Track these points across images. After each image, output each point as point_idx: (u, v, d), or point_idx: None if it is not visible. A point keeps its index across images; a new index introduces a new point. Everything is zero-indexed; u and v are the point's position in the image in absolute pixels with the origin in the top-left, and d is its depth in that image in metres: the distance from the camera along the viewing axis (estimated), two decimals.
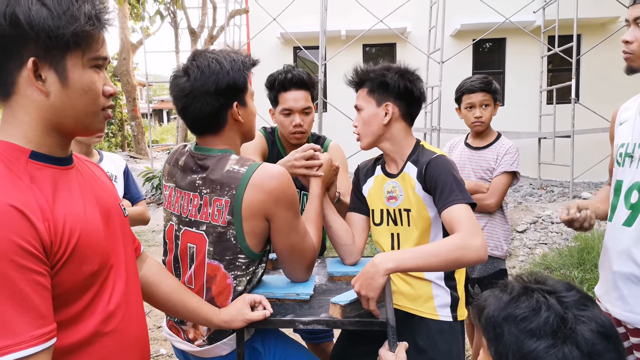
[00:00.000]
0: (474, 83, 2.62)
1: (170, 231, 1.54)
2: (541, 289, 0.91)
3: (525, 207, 6.93)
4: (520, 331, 0.87)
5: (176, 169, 1.53)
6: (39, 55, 0.90)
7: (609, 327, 0.87)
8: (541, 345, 0.84)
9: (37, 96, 0.93)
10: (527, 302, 0.89)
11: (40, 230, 0.86)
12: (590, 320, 0.86)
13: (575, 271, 4.38)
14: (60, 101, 0.94)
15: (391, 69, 1.71)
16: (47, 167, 0.95)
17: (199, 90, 1.39)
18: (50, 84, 0.93)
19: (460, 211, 1.50)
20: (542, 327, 0.85)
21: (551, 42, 8.80)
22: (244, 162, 1.41)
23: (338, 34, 9.69)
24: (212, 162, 1.42)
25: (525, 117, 9.53)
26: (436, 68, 7.95)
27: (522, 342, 0.86)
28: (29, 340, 0.82)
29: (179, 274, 1.51)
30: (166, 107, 32.99)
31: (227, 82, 1.40)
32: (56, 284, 0.90)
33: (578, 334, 0.84)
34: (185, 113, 1.45)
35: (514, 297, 0.92)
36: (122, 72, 14.93)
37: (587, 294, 0.93)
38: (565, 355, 0.82)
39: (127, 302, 1.07)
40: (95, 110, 1.00)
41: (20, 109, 0.94)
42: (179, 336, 1.53)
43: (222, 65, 1.40)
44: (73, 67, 0.94)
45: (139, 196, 2.46)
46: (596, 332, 0.85)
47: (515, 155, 2.57)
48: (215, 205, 1.39)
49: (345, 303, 1.41)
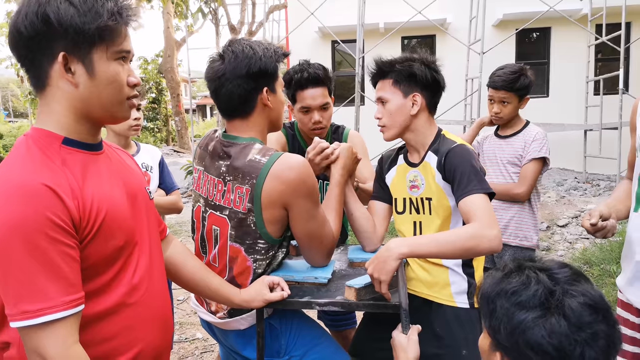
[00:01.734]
0: (498, 79, 2.55)
1: (198, 212, 1.64)
2: (533, 266, 0.94)
3: (568, 200, 6.74)
4: (510, 304, 0.90)
5: (206, 153, 1.61)
6: (68, 50, 1.00)
7: (599, 300, 0.88)
8: (530, 316, 0.87)
9: (68, 87, 1.03)
10: (518, 278, 0.93)
11: (71, 208, 0.96)
12: (579, 293, 0.88)
13: (614, 266, 4.25)
14: (89, 91, 1.04)
15: (415, 60, 1.72)
16: (78, 152, 1.05)
17: (232, 72, 1.47)
18: (78, 75, 1.02)
19: (477, 201, 1.51)
20: (531, 299, 0.89)
21: (599, 31, 8.45)
22: (266, 151, 1.47)
23: (376, 26, 9.64)
24: (236, 150, 1.50)
25: (571, 109, 9.21)
26: (477, 59, 7.80)
27: (512, 315, 0.89)
28: (60, 304, 0.93)
29: (205, 252, 1.61)
30: (209, 102, 33.69)
31: (259, 66, 1.48)
32: (85, 257, 1.00)
33: (566, 306, 0.87)
34: (217, 94, 1.53)
35: (506, 273, 0.96)
36: (166, 69, 15.39)
37: (581, 271, 0.95)
38: (552, 326, 0.85)
39: (151, 277, 1.16)
40: (120, 99, 1.09)
41: (53, 100, 1.04)
42: (203, 307, 1.64)
43: (255, 51, 1.49)
44: (99, 60, 1.03)
45: (172, 186, 2.58)
46: (585, 304, 0.87)
47: (543, 140, 2.52)
48: (237, 192, 1.47)
49: (360, 286, 1.46)
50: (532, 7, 8.29)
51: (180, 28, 16.47)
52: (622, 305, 1.69)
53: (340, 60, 10.93)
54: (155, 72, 18.46)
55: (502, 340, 0.92)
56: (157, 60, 18.58)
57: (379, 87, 1.78)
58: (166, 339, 1.21)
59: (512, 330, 0.89)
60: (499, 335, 0.92)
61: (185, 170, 9.71)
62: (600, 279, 4.22)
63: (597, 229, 1.61)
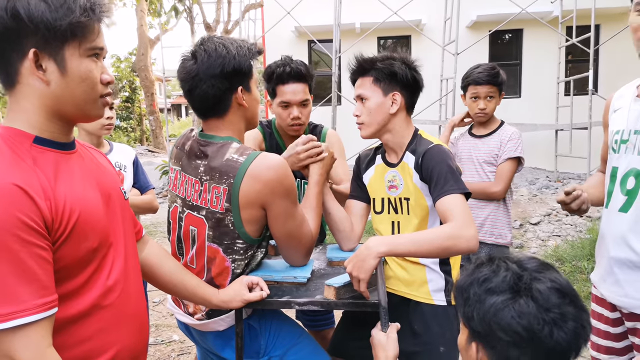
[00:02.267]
0: (481, 75, 2.62)
1: (175, 212, 1.61)
2: (503, 258, 0.99)
3: (540, 199, 6.88)
4: (482, 291, 0.94)
5: (182, 153, 1.59)
6: (39, 47, 0.97)
7: (566, 285, 0.93)
8: (499, 299, 0.91)
9: (39, 85, 1.00)
10: (489, 267, 0.97)
11: (42, 208, 0.93)
12: (546, 279, 0.92)
13: (585, 262, 4.36)
14: (60, 89, 1.01)
15: (396, 59, 1.73)
16: (49, 151, 1.02)
17: (206, 72, 1.45)
18: (50, 73, 0.99)
19: (454, 201, 1.53)
20: (500, 284, 0.93)
21: (569, 33, 8.66)
22: (244, 150, 1.46)
23: (352, 26, 9.68)
24: (213, 149, 1.48)
25: (542, 109, 9.41)
26: (451, 60, 7.90)
27: (483, 300, 0.93)
28: (32, 308, 0.90)
29: (182, 253, 1.59)
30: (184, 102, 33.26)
31: (233, 65, 1.45)
32: (58, 259, 0.97)
33: (534, 289, 0.91)
34: (191, 95, 1.50)
35: (478, 265, 1.00)
36: (140, 67, 15.15)
37: (548, 262, 0.99)
38: (521, 307, 0.89)
39: (126, 278, 1.13)
40: (93, 97, 1.06)
41: (23, 97, 1.01)
42: (180, 309, 1.62)
43: (229, 49, 1.46)
44: (71, 57, 1.00)
45: (147, 185, 2.54)
46: (552, 288, 0.91)
47: (518, 140, 2.58)
48: (214, 192, 1.45)
49: (339, 285, 1.46)
50: (505, 9, 8.45)
51: (154, 26, 16.25)
52: (596, 301, 1.73)
53: (317, 60, 10.94)
54: (129, 71, 18.16)
55: (475, 327, 0.95)
56: (130, 59, 18.28)
57: (358, 84, 1.78)
58: (142, 341, 1.19)
59: (484, 314, 0.92)
60: (472, 322, 0.95)
61: (160, 170, 9.57)
62: (572, 275, 4.33)
63: (573, 197, 1.63)
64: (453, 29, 8.29)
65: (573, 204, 1.65)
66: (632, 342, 1.59)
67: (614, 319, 1.65)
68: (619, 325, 1.64)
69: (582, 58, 9.06)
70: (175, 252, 1.62)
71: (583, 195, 1.65)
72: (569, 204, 1.65)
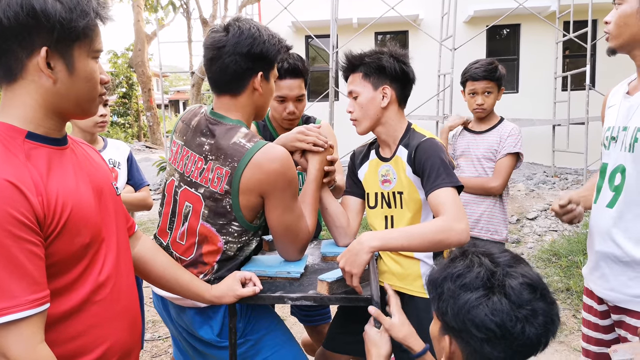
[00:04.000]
0: (478, 70, 2.64)
1: (171, 185, 1.61)
2: (476, 252, 1.00)
3: (537, 194, 6.89)
4: (456, 286, 0.96)
5: (188, 128, 1.59)
6: (50, 45, 0.98)
7: (537, 280, 0.95)
8: (473, 296, 0.93)
9: (45, 82, 1.01)
10: (463, 262, 0.99)
11: (34, 204, 0.93)
12: (518, 274, 0.95)
13: (581, 257, 4.37)
14: (66, 87, 1.02)
15: (384, 53, 1.74)
16: (42, 147, 1.02)
17: (234, 46, 1.46)
18: (58, 71, 1.01)
19: (446, 194, 1.54)
20: (474, 280, 0.95)
21: (566, 28, 8.66)
22: (252, 137, 1.47)
23: (350, 22, 9.66)
24: (221, 129, 1.49)
25: (540, 104, 9.42)
26: (448, 55, 7.89)
27: (457, 296, 0.95)
28: (24, 303, 0.90)
29: (172, 227, 1.58)
30: (182, 97, 33.23)
31: (261, 49, 1.48)
32: (50, 254, 0.97)
33: (506, 285, 0.93)
34: (211, 64, 1.51)
35: (452, 259, 1.02)
36: (137, 63, 15.10)
37: (519, 255, 1.02)
38: (494, 304, 0.92)
39: (118, 274, 1.14)
40: (94, 96, 1.09)
41: (25, 93, 1.01)
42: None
43: (262, 33, 1.49)
44: (79, 57, 1.02)
45: (142, 182, 2.53)
46: (524, 284, 0.94)
47: (518, 136, 2.59)
48: (217, 172, 1.46)
49: (332, 280, 1.46)
50: (502, 4, 8.45)
51: (150, 21, 16.17)
52: (587, 293, 1.75)
53: (314, 55, 10.92)
54: (126, 66, 18.09)
55: (449, 322, 0.97)
56: (127, 54, 18.21)
57: (349, 81, 1.81)
58: (135, 336, 1.19)
59: (458, 310, 0.94)
60: (446, 317, 0.97)
61: (157, 167, 9.55)
62: (568, 270, 4.34)
63: (566, 211, 1.67)
64: (450, 24, 8.27)
65: (564, 217, 1.69)
66: (618, 334, 1.61)
67: (601, 311, 1.67)
68: (607, 317, 1.66)
69: (580, 53, 9.06)
70: (165, 226, 1.61)
71: (577, 210, 1.68)
72: (561, 216, 1.69)
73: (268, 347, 1.56)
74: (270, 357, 1.56)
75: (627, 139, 1.52)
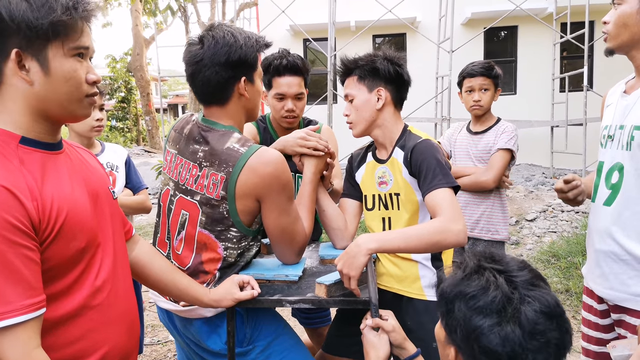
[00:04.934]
0: (475, 67, 2.68)
1: (166, 195, 1.60)
2: (493, 268, 0.95)
3: (535, 195, 6.89)
4: (468, 308, 0.91)
5: (181, 136, 1.59)
6: (21, 47, 0.97)
7: (554, 306, 0.90)
8: (486, 323, 0.88)
9: (22, 85, 0.99)
10: (478, 281, 0.93)
11: (29, 209, 0.93)
12: (535, 300, 0.89)
13: (580, 258, 4.37)
14: (44, 89, 1.01)
15: (378, 55, 1.75)
16: (36, 152, 1.02)
17: (211, 58, 1.45)
18: (33, 73, 0.99)
19: (443, 195, 1.53)
20: (489, 305, 0.89)
21: (563, 29, 8.68)
22: (245, 142, 1.47)
23: (347, 24, 9.68)
24: (214, 136, 1.49)
25: (538, 106, 9.43)
26: (446, 57, 7.90)
27: (469, 319, 0.90)
28: (20, 308, 0.90)
29: (169, 237, 1.58)
30: (181, 101, 33.25)
31: (239, 55, 1.46)
32: (46, 259, 0.97)
33: (522, 314, 0.88)
34: (193, 79, 1.51)
35: (466, 274, 0.96)
36: (135, 67, 15.11)
37: (540, 273, 0.97)
38: (507, 334, 0.87)
39: (115, 278, 1.13)
40: (78, 97, 1.05)
41: (8, 98, 1.00)
42: (163, 296, 1.58)
43: (237, 38, 1.47)
44: (54, 57, 1.00)
45: (140, 185, 2.53)
46: (540, 312, 0.88)
47: (512, 134, 2.60)
48: (212, 179, 1.45)
49: (330, 283, 1.46)
50: (499, 6, 8.46)
51: (149, 25, 16.19)
52: (586, 292, 1.75)
53: (313, 58, 10.94)
54: (124, 71, 18.10)
55: (457, 341, 0.93)
56: (125, 59, 18.23)
57: (345, 84, 1.81)
58: (133, 340, 1.19)
59: (468, 334, 0.90)
60: (454, 335, 0.94)
61: (156, 171, 9.54)
62: (567, 271, 4.34)
63: (572, 187, 1.66)
64: (448, 27, 8.29)
65: (570, 193, 1.68)
66: (618, 333, 1.61)
67: (601, 310, 1.67)
68: (607, 317, 1.66)
69: (577, 54, 9.09)
70: (165, 237, 1.60)
71: (581, 186, 1.68)
72: (566, 192, 1.68)
73: (277, 352, 1.55)
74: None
75: (624, 137, 1.52)
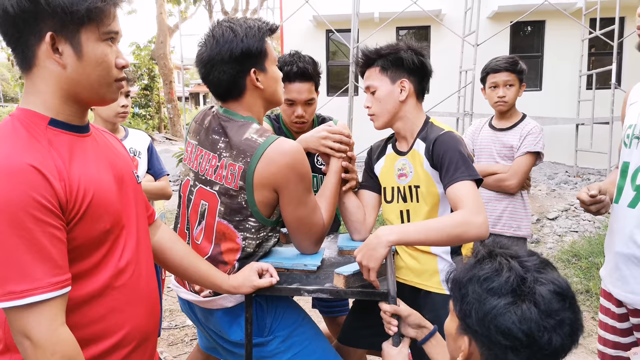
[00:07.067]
0: (499, 63, 2.62)
1: (186, 186, 1.63)
2: (504, 253, 0.96)
3: (558, 194, 6.78)
4: (482, 290, 0.92)
5: (201, 127, 1.61)
6: (56, 30, 0.99)
7: (566, 288, 0.92)
8: (501, 302, 0.90)
9: (55, 68, 1.01)
10: (490, 264, 0.95)
11: (57, 189, 0.95)
12: (548, 281, 0.91)
13: (601, 258, 4.29)
14: (76, 72, 1.03)
15: (400, 46, 1.73)
16: (64, 134, 1.04)
17: (215, 59, 1.48)
18: (66, 56, 1.01)
19: (465, 188, 1.52)
20: (503, 285, 0.91)
21: (592, 25, 8.47)
22: (263, 132, 1.48)
23: (371, 16, 9.59)
24: (233, 127, 1.50)
25: (563, 103, 9.25)
26: (471, 51, 7.79)
27: (484, 300, 0.91)
28: (46, 286, 0.92)
29: (189, 227, 1.60)
30: (202, 90, 33.46)
31: (241, 49, 1.47)
32: (71, 239, 0.99)
33: (536, 293, 0.89)
34: (206, 80, 1.55)
35: (478, 259, 0.97)
36: (159, 55, 15.24)
37: (547, 259, 0.98)
38: (523, 312, 0.88)
39: (138, 260, 1.15)
40: (108, 81, 1.07)
41: (40, 80, 1.02)
42: (184, 287, 1.62)
43: (236, 33, 1.47)
44: (87, 41, 1.02)
45: (161, 171, 2.56)
46: (554, 292, 0.90)
47: (538, 135, 2.54)
48: (230, 169, 1.47)
49: (349, 274, 1.46)
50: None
51: (173, 14, 16.29)
52: (604, 295, 1.72)
53: (335, 50, 10.87)
54: (148, 59, 18.28)
55: (472, 325, 0.93)
56: (149, 47, 18.39)
57: (366, 76, 1.79)
58: (153, 322, 1.21)
59: (484, 315, 0.91)
60: (469, 320, 0.94)
61: (177, 158, 9.64)
62: (588, 271, 4.27)
63: (596, 201, 1.61)
64: (473, 20, 8.15)
65: (592, 207, 1.63)
66: (637, 338, 1.58)
67: (620, 314, 1.63)
68: (625, 320, 1.62)
69: (606, 51, 8.86)
70: (184, 227, 1.63)
71: (605, 201, 1.63)
72: (589, 205, 1.63)
73: (298, 342, 1.57)
74: (301, 352, 1.56)
75: None
